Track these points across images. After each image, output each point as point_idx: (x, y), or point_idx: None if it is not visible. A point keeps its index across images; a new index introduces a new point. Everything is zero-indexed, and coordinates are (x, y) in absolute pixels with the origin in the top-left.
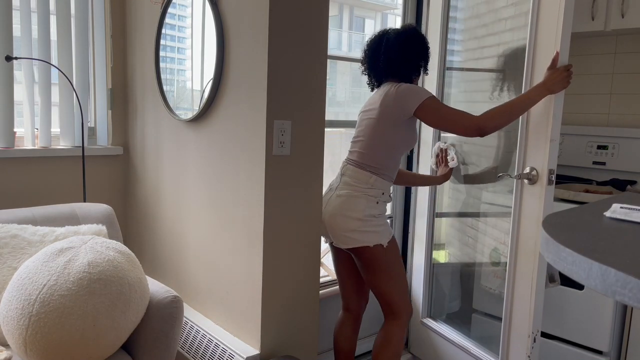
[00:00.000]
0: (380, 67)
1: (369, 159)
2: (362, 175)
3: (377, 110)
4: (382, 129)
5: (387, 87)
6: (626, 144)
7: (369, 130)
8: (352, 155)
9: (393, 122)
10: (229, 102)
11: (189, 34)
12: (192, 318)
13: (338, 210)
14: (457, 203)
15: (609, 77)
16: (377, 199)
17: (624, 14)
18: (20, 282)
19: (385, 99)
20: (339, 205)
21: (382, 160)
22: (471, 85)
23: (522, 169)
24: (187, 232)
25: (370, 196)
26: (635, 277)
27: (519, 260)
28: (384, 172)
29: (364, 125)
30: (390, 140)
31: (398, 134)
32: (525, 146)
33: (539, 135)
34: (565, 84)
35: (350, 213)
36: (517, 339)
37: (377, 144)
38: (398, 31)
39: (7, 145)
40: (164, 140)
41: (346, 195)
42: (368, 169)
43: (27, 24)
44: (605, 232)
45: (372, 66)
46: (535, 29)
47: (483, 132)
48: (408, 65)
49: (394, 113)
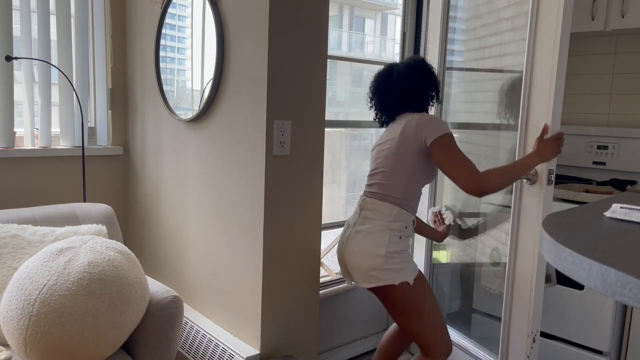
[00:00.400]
0: (394, 100)
1: (390, 189)
2: (384, 208)
3: (397, 139)
4: (403, 158)
5: (406, 118)
6: (626, 144)
7: (390, 160)
8: (372, 187)
9: (413, 151)
10: (229, 102)
11: (189, 34)
12: (192, 318)
13: (359, 247)
14: (458, 203)
15: (609, 77)
16: (400, 234)
17: (624, 14)
18: (20, 282)
19: (406, 128)
20: (360, 242)
21: (405, 190)
22: (471, 85)
23: None
24: (187, 232)
25: (393, 230)
26: (635, 277)
27: (518, 260)
28: (406, 204)
29: (382, 156)
30: (412, 169)
31: (419, 164)
32: (524, 146)
33: (537, 135)
34: (557, 152)
35: (372, 250)
36: (517, 339)
37: (398, 173)
38: (407, 62)
39: (7, 145)
40: (164, 140)
41: (367, 231)
42: (390, 200)
43: (27, 24)
44: (605, 232)
45: (383, 100)
46: (534, 30)
47: (479, 192)
48: (423, 94)
49: (415, 143)
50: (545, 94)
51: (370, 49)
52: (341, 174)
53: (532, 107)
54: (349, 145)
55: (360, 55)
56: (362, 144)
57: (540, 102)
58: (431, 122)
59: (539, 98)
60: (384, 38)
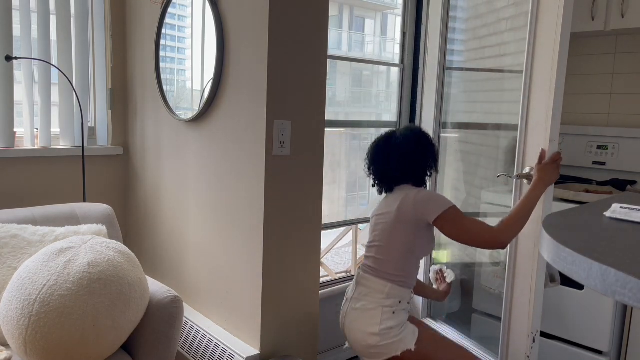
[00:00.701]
0: (391, 168)
1: (385, 264)
2: (377, 285)
3: (393, 214)
4: (399, 234)
5: (404, 191)
6: (626, 144)
7: (385, 235)
8: (368, 260)
9: (411, 228)
10: (229, 102)
11: (189, 34)
12: (192, 318)
13: (355, 325)
14: (457, 203)
15: (609, 77)
16: (394, 309)
17: (624, 14)
18: (20, 282)
19: (404, 204)
20: (356, 320)
21: (400, 266)
22: (472, 85)
23: (522, 169)
24: (187, 232)
25: (385, 307)
26: (635, 277)
27: (518, 260)
28: (401, 279)
29: (379, 229)
30: (408, 245)
31: (416, 239)
32: (525, 146)
33: (538, 135)
34: (557, 174)
35: (366, 328)
36: (517, 339)
37: (394, 249)
38: (404, 132)
39: (7, 145)
40: (164, 140)
41: (361, 309)
42: (383, 276)
43: (27, 24)
44: (605, 232)
45: (380, 168)
46: (534, 30)
47: (503, 245)
48: (420, 164)
49: (412, 219)
50: (545, 94)
51: (370, 49)
52: (341, 174)
53: (532, 108)
54: (349, 145)
55: (360, 55)
56: (362, 144)
57: (540, 102)
58: (431, 198)
59: (539, 98)
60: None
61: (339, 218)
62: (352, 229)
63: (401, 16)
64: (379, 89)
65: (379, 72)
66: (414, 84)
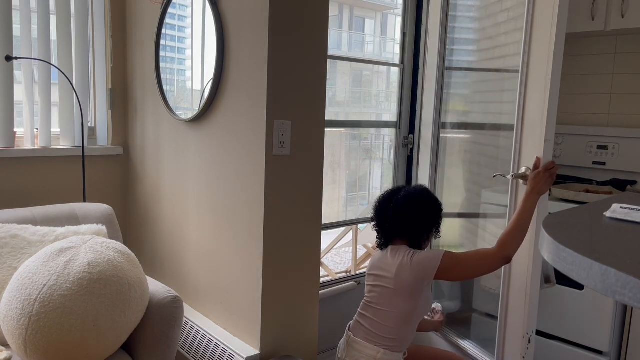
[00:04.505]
0: (388, 225)
1: (380, 328)
2: (369, 350)
3: (392, 280)
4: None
5: (400, 255)
6: (626, 144)
7: (384, 300)
8: (363, 320)
9: (410, 293)
10: (229, 102)
11: (189, 34)
12: (192, 318)
13: None
14: (458, 203)
15: (609, 77)
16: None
17: (624, 14)
18: (20, 282)
19: (401, 270)
20: None
21: (395, 331)
22: (472, 85)
23: (517, 170)
24: (187, 232)
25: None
26: (635, 277)
27: (514, 261)
28: (395, 345)
29: (377, 292)
30: (407, 311)
31: (416, 304)
32: (520, 146)
33: (533, 135)
34: (551, 182)
35: None
36: (512, 339)
37: (393, 316)
38: (410, 190)
39: (7, 145)
40: (164, 140)
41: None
42: (377, 341)
43: (27, 24)
44: (605, 232)
45: (380, 223)
46: (530, 31)
47: (508, 260)
48: (417, 226)
49: (413, 282)
50: (540, 94)
51: (370, 49)
52: (341, 174)
53: (528, 107)
54: (349, 145)
55: (360, 55)
56: (362, 144)
57: (535, 102)
58: (425, 257)
59: (535, 98)
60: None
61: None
62: (352, 229)
63: (401, 16)
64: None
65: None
66: (414, 84)
